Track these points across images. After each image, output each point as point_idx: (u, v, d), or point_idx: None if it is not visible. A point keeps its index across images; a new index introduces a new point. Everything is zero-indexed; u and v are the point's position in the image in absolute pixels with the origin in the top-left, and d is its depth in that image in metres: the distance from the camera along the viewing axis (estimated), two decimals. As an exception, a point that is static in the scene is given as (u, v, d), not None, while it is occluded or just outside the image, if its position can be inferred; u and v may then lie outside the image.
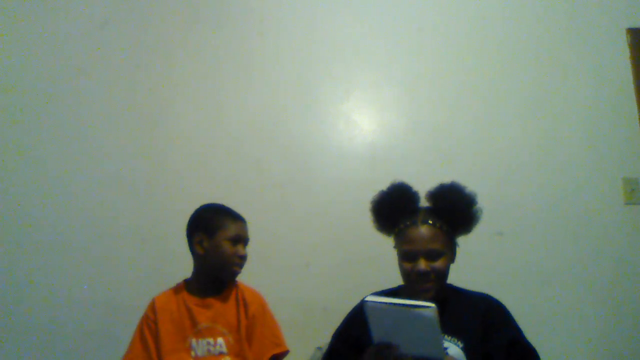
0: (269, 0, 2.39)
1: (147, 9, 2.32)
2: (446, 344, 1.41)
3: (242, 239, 1.65)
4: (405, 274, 1.49)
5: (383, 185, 1.63)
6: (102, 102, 2.23)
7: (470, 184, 1.54)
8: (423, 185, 1.58)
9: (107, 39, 2.28)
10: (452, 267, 1.56)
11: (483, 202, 2.13)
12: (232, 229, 1.63)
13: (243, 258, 1.64)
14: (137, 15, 2.31)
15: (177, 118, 2.24)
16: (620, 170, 2.26)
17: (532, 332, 1.53)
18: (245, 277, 1.70)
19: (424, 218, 1.49)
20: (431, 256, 1.45)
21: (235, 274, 1.65)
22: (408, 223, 1.49)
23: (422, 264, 1.44)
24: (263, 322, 1.62)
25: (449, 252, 1.50)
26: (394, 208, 1.55)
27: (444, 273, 1.47)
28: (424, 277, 1.44)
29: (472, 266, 2.05)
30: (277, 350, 1.61)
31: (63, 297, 2.05)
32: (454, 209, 1.51)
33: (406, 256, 1.48)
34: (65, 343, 2.01)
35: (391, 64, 2.34)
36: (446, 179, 1.57)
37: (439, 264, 1.45)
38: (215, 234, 1.62)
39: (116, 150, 2.19)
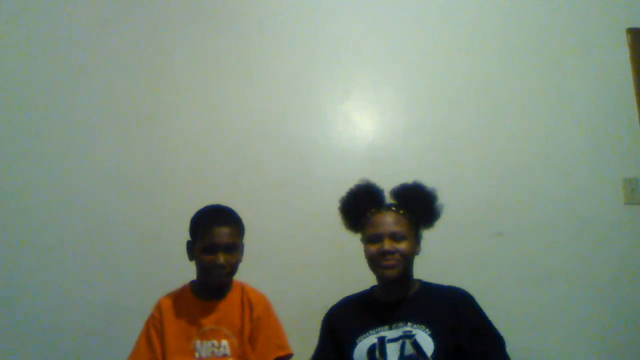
0: (269, 0, 2.39)
1: (147, 9, 2.31)
2: (414, 330, 1.47)
3: (218, 247, 1.56)
4: (370, 257, 1.57)
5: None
6: (102, 102, 2.22)
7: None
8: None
9: (107, 39, 2.28)
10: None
11: (483, 202, 2.16)
12: (205, 239, 1.57)
13: (223, 267, 1.56)
14: (137, 15, 2.31)
15: (177, 118, 2.23)
16: (621, 171, 2.26)
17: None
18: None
19: (388, 206, 1.61)
20: (395, 238, 1.53)
21: (220, 283, 1.61)
22: (373, 211, 1.60)
23: (387, 244, 1.53)
24: (267, 325, 1.62)
25: (412, 239, 1.57)
26: (361, 203, 1.64)
27: (407, 255, 1.54)
28: (389, 254, 1.52)
29: (472, 266, 2.06)
30: (280, 353, 1.62)
31: (63, 297, 2.04)
32: (415, 204, 1.60)
33: (372, 239, 1.56)
34: (65, 343, 2.01)
35: (391, 64, 2.34)
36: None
37: (402, 245, 1.53)
38: (195, 242, 1.62)
39: (116, 150, 2.19)
